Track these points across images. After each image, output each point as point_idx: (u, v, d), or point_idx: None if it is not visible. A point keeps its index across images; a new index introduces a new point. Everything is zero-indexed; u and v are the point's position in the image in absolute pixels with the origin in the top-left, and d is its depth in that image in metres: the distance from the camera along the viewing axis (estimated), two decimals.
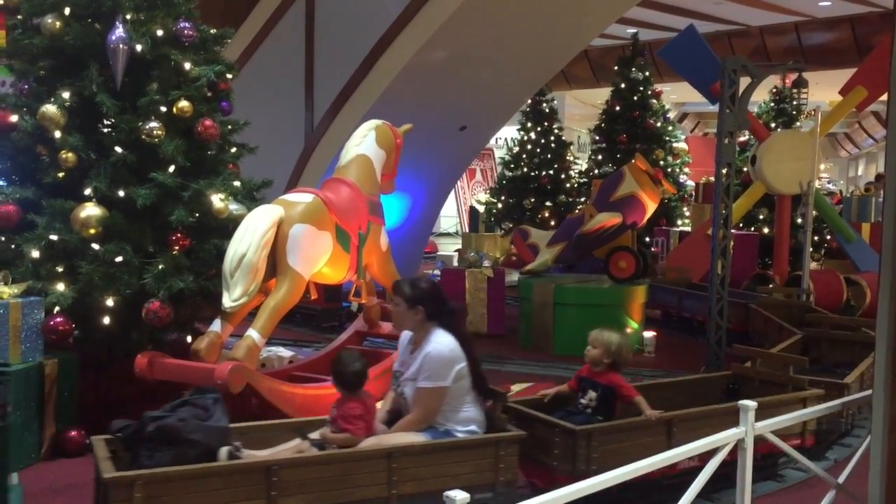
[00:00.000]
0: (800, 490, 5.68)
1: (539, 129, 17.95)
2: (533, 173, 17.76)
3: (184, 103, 6.34)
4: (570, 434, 4.78)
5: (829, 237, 15.49)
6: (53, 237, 6.08)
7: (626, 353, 5.38)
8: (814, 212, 11.11)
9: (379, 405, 6.86)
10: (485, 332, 10.94)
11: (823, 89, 21.19)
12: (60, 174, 6.30)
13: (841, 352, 8.23)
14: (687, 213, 16.98)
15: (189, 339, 6.54)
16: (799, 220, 12.81)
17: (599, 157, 16.95)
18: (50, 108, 6.15)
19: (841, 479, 4.62)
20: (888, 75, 2.59)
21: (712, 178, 10.06)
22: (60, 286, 6.03)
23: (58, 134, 6.19)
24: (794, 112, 16.88)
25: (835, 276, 11.92)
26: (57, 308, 5.96)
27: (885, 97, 2.95)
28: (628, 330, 10.11)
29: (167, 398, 6.25)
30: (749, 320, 9.85)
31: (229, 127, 6.95)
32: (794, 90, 17.43)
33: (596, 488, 3.03)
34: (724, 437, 4.04)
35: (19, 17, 6.49)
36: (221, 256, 6.14)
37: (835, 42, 19.03)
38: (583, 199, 16.87)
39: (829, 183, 33.51)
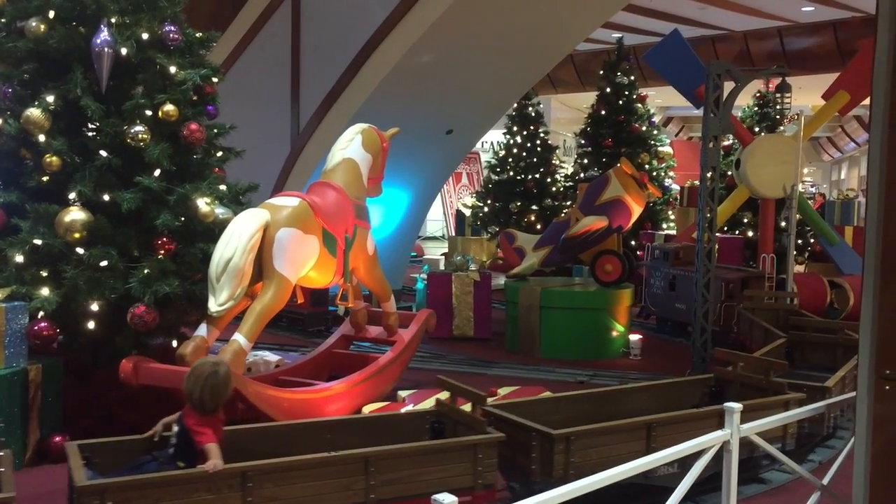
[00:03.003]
0: (785, 492, 5.72)
1: (525, 132, 18.00)
2: (519, 177, 17.79)
3: (169, 107, 6.32)
4: (80, 493, 3.87)
5: (812, 240, 15.60)
6: (38, 241, 6.05)
7: (204, 394, 4.39)
8: (797, 215, 11.19)
9: (368, 409, 6.88)
10: (471, 335, 10.95)
11: (807, 94, 21.33)
12: (45, 178, 6.26)
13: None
14: (672, 217, 17.05)
15: (175, 343, 6.52)
16: (783, 224, 12.88)
17: (585, 160, 17.01)
18: (34, 112, 6.12)
19: (825, 481, 4.65)
20: (870, 80, 2.62)
21: (697, 182, 10.12)
22: (45, 291, 6.00)
23: (42, 138, 6.16)
24: (778, 116, 16.98)
25: (818, 279, 12.02)
26: (41, 313, 5.93)
27: (867, 101, 2.98)
28: (614, 333, 10.16)
29: (152, 403, 6.25)
30: None
31: (215, 131, 6.94)
32: (778, 94, 17.56)
33: None
34: (710, 440, 4.06)
35: (3, 20, 6.45)
36: (207, 260, 6.13)
37: (818, 47, 19.17)
38: (569, 203, 16.91)
39: (812, 187, 33.77)
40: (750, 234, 14.87)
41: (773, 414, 5.47)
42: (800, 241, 15.04)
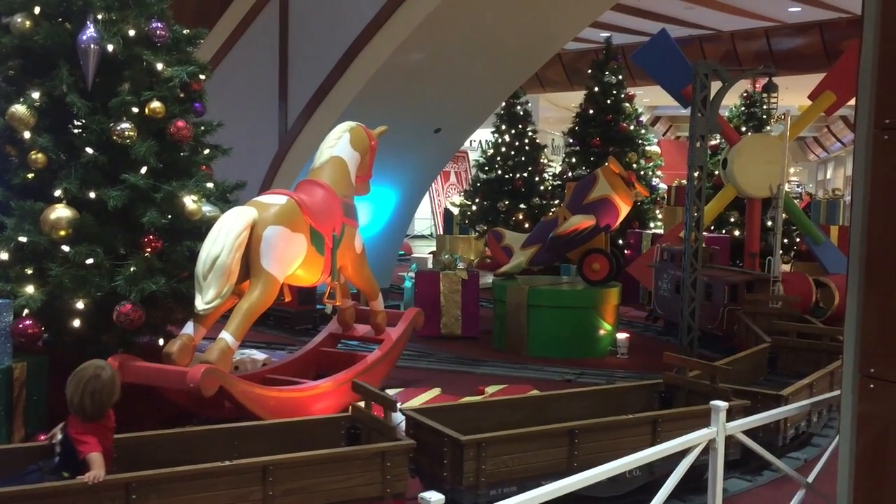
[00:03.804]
0: (770, 489, 5.75)
1: (513, 131, 18.02)
2: (507, 176, 17.81)
3: (156, 104, 6.28)
4: None
5: (798, 240, 15.68)
6: (22, 239, 6.00)
7: (84, 399, 4.12)
8: (784, 214, 11.24)
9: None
10: (459, 334, 10.96)
11: (793, 94, 21.45)
12: (30, 175, 6.21)
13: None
14: (659, 216, 17.12)
15: (161, 342, 6.48)
16: (769, 223, 12.95)
17: (573, 159, 17.05)
18: (19, 109, 6.07)
19: (810, 479, 4.68)
20: (856, 80, 2.64)
21: (684, 181, 10.16)
22: (30, 288, 5.95)
23: (27, 134, 6.11)
24: (765, 116, 17.07)
25: (804, 278, 12.07)
26: (26, 311, 5.88)
27: (853, 102, 3.00)
28: (601, 332, 10.18)
29: (138, 402, 6.22)
30: None
31: (202, 128, 6.90)
32: (765, 94, 17.64)
33: None
34: (696, 438, 4.09)
35: None
36: (194, 258, 6.10)
37: (804, 47, 19.27)
38: (556, 202, 16.94)
39: (798, 186, 33.95)
40: (737, 233, 14.95)
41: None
42: (786, 241, 15.13)
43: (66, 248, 6.00)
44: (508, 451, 4.77)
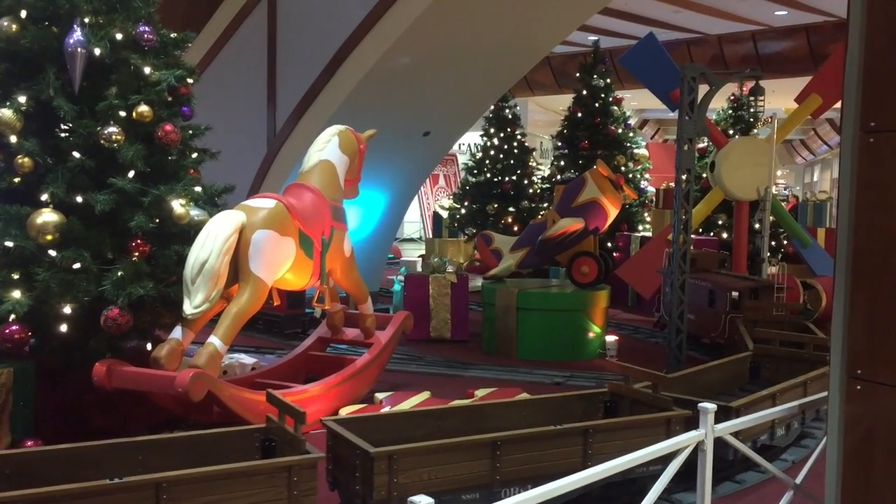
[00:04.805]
0: (758, 491, 5.77)
1: (502, 134, 18.06)
2: (496, 179, 17.84)
3: (143, 108, 6.27)
4: None
5: (785, 242, 15.76)
6: (9, 243, 5.97)
7: None
8: (771, 217, 11.29)
9: (345, 411, 6.86)
10: (448, 337, 10.96)
11: (780, 97, 21.55)
12: (16, 179, 6.18)
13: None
14: (648, 219, 17.17)
15: (149, 346, 6.46)
16: (756, 226, 13.01)
17: (562, 162, 17.09)
18: (5, 113, 6.04)
19: (798, 480, 4.69)
20: (842, 83, 2.65)
21: (672, 184, 10.18)
22: (16, 293, 5.92)
23: (14, 139, 6.08)
24: (752, 119, 17.15)
25: (791, 280, 12.14)
26: (13, 315, 5.85)
27: (839, 104, 3.02)
28: (590, 334, 10.21)
29: (126, 407, 6.20)
30: None
31: (190, 132, 6.89)
32: (752, 98, 17.68)
33: None
34: (685, 440, 4.09)
35: None
36: (182, 263, 6.09)
37: (791, 50, 19.41)
38: (545, 205, 16.97)
39: (785, 189, 34.12)
40: (725, 235, 15.01)
41: (653, 432, 5.06)
42: (773, 243, 15.20)
43: (52, 253, 5.97)
44: (424, 464, 4.53)
